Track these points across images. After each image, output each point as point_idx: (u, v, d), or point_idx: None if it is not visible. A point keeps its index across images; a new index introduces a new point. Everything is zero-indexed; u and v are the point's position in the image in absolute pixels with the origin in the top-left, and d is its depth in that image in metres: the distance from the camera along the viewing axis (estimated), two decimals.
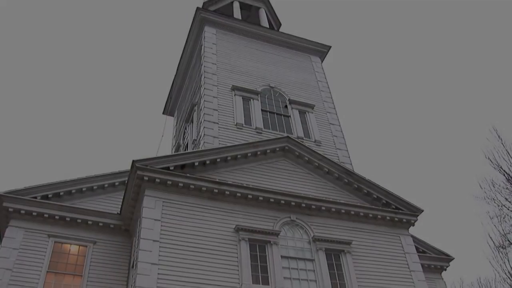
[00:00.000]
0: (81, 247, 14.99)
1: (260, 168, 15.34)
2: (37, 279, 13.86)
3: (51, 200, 15.11)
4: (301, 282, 13.45)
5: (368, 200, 16.15)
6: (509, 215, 25.98)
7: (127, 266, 14.91)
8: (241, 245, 13.24)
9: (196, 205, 13.60)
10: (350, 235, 15.01)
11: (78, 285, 14.30)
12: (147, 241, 12.37)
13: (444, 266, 19.69)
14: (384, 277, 14.64)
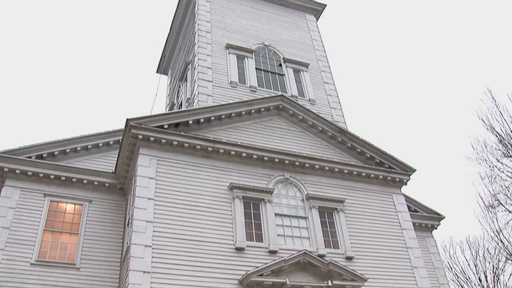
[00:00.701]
0: (77, 205, 15.11)
1: (254, 127, 15.37)
2: (34, 237, 14.02)
3: (46, 159, 15.12)
4: (294, 239, 13.70)
5: (362, 159, 16.29)
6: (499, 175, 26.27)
7: (122, 224, 15.08)
8: (235, 203, 13.41)
9: (191, 163, 13.68)
10: (343, 193, 15.21)
11: (74, 243, 14.49)
12: (142, 199, 12.49)
13: (435, 225, 20.06)
14: (376, 235, 14.94)
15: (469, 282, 34.84)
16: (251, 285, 12.00)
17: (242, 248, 12.69)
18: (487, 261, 34.39)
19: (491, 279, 33.83)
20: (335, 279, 12.79)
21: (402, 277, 14.45)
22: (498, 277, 33.60)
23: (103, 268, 14.21)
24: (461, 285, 35.01)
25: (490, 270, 34.09)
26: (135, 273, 11.33)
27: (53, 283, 13.47)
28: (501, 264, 33.20)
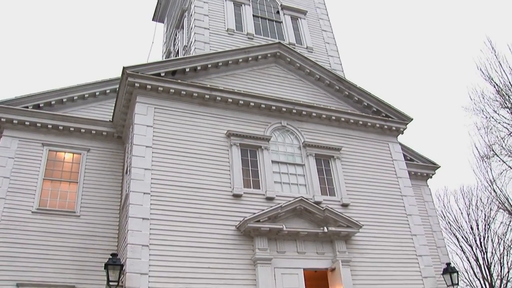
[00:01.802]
0: (75, 155, 15.21)
1: (251, 74, 15.28)
2: (34, 186, 14.19)
3: (43, 109, 15.10)
4: (291, 186, 13.89)
5: (359, 108, 16.30)
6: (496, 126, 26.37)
7: (121, 172, 15.23)
8: (232, 150, 13.50)
9: (188, 111, 13.68)
10: (340, 141, 15.30)
11: (74, 191, 14.67)
12: (140, 147, 12.55)
13: (430, 174, 20.31)
14: (372, 183, 15.14)
15: (461, 230, 35.59)
16: (248, 231, 12.23)
17: (240, 194, 12.87)
18: (479, 210, 35.05)
19: (482, 227, 34.57)
20: (330, 225, 13.03)
21: (396, 224, 14.74)
22: (489, 225, 34.32)
23: (103, 215, 14.47)
24: (453, 233, 35.78)
25: (481, 219, 34.79)
26: (134, 219, 11.53)
27: (54, 231, 13.74)
28: (492, 213, 33.86)
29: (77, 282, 13.37)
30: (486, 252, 34.07)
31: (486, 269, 33.93)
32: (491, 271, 33.83)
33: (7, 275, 12.76)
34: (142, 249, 11.21)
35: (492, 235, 34.08)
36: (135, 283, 10.74)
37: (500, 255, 33.57)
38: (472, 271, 35.03)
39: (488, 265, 33.89)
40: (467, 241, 35.13)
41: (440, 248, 18.90)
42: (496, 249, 33.88)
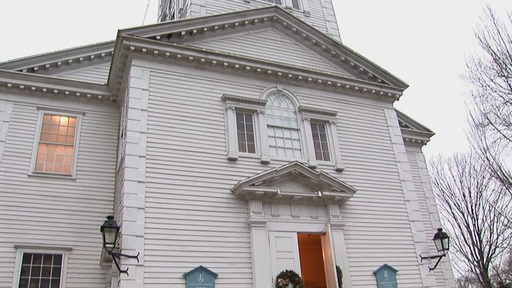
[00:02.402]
0: (71, 118, 15.19)
1: (247, 38, 15.14)
2: (30, 150, 14.21)
3: (37, 73, 15.00)
4: (286, 150, 13.95)
5: (355, 73, 16.25)
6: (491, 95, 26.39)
7: (116, 136, 15.25)
8: (228, 114, 13.50)
9: (183, 75, 13.60)
10: (335, 107, 15.32)
11: (70, 155, 14.71)
12: (135, 110, 12.53)
13: (424, 141, 20.42)
14: (367, 148, 15.23)
15: (453, 197, 36.03)
16: (243, 195, 12.34)
17: (235, 158, 12.94)
18: (472, 177, 35.44)
19: (474, 194, 35.02)
20: (325, 190, 13.16)
21: (390, 190, 14.92)
22: (481, 193, 34.76)
23: (98, 178, 14.56)
24: (446, 200, 36.23)
25: (474, 186, 35.21)
26: (129, 182, 11.60)
27: (50, 194, 13.84)
28: (485, 180, 34.25)
29: (74, 244, 13.55)
30: (477, 219, 34.62)
31: (476, 235, 34.52)
32: (481, 237, 34.44)
33: (5, 238, 12.93)
34: (138, 211, 11.33)
35: (484, 203, 34.58)
36: (131, 245, 10.88)
37: (490, 222, 34.12)
38: (463, 237, 35.65)
39: (478, 232, 34.47)
40: (459, 208, 35.63)
41: (432, 214, 19.16)
42: (486, 216, 34.42)
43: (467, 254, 35.70)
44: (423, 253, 14.37)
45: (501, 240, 34.11)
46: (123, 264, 10.69)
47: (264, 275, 11.73)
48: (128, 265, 10.66)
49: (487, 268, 34.83)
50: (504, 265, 41.47)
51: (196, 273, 11.24)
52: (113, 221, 11.03)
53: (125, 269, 10.60)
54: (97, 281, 13.44)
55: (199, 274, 11.26)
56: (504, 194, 31.69)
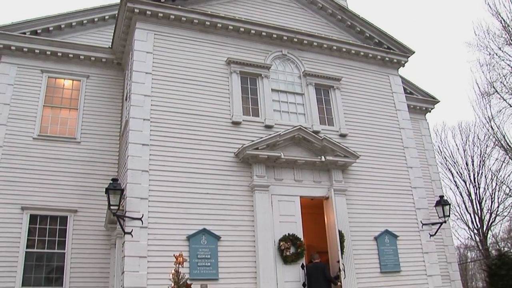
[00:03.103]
0: (75, 81, 15.15)
1: (253, 2, 14.90)
2: (34, 113, 14.25)
3: (41, 35, 14.86)
4: (290, 115, 13.95)
5: (360, 38, 16.09)
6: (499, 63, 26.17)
7: (121, 99, 15.25)
8: (232, 78, 13.44)
9: (188, 38, 13.48)
10: (340, 72, 15.22)
11: (74, 118, 14.75)
12: (139, 73, 12.49)
13: (429, 108, 20.36)
14: (371, 114, 15.21)
15: (456, 165, 36.15)
16: (246, 158, 12.40)
17: (239, 122, 12.95)
18: (476, 146, 35.50)
19: (477, 163, 35.12)
20: (328, 154, 13.20)
21: (393, 156, 14.95)
22: (484, 162, 34.86)
23: (103, 141, 14.62)
24: (449, 168, 36.37)
25: (477, 155, 35.29)
26: (134, 145, 11.66)
27: (55, 156, 13.94)
28: (488, 149, 34.32)
29: (79, 206, 13.73)
30: (479, 187, 34.82)
31: (477, 203, 34.78)
32: (482, 205, 34.71)
33: (12, 199, 13.09)
34: (142, 174, 11.42)
35: (486, 172, 34.71)
36: (135, 207, 11.02)
37: (492, 190, 34.32)
38: (464, 205, 35.95)
39: (480, 200, 34.72)
40: (461, 177, 35.79)
41: (434, 182, 19.26)
42: (488, 185, 34.61)
43: (468, 222, 36.09)
44: (424, 219, 14.50)
45: (501, 208, 34.43)
46: (128, 226, 10.85)
47: (267, 238, 11.90)
48: (132, 227, 10.81)
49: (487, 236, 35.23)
50: (503, 233, 41.98)
51: (200, 235, 11.40)
52: (117, 183, 11.15)
53: (130, 231, 10.76)
54: (102, 243, 13.66)
55: (202, 236, 11.43)
56: (507, 164, 31.80)
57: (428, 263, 14.07)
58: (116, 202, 10.89)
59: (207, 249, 11.36)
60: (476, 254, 42.95)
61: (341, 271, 12.06)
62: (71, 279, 13.11)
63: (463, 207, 36.20)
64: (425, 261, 14.07)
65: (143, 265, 10.63)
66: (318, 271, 12.25)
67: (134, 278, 10.43)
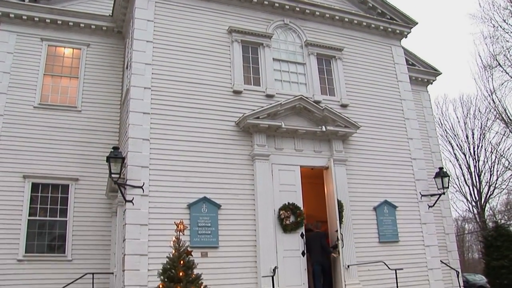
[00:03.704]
0: (75, 50, 15.05)
1: None
2: (35, 82, 14.20)
3: (40, 3, 14.69)
4: (291, 84, 13.89)
5: (363, 8, 15.91)
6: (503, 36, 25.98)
7: (121, 68, 15.18)
8: (233, 47, 13.34)
9: (189, 6, 13.28)
10: (342, 42, 15.10)
11: (75, 86, 14.71)
12: (140, 42, 12.38)
13: (430, 80, 20.29)
14: (372, 85, 15.15)
15: (456, 138, 36.27)
16: (247, 127, 12.40)
17: (240, 91, 12.91)
18: (477, 119, 35.56)
19: (477, 136, 35.22)
20: (329, 124, 13.20)
21: (393, 127, 14.96)
22: (484, 135, 34.98)
23: (104, 110, 14.62)
24: (449, 140, 36.50)
25: (478, 128, 35.40)
26: (135, 114, 11.65)
27: (56, 125, 13.96)
28: (489, 123, 34.39)
29: (81, 174, 13.80)
30: (478, 160, 35.02)
31: (476, 176, 35.02)
32: (481, 178, 34.93)
33: (14, 168, 13.17)
34: (143, 143, 11.44)
35: (486, 145, 34.85)
36: (136, 175, 11.07)
37: (491, 163, 34.54)
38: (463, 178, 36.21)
39: (479, 173, 34.95)
40: (461, 149, 35.94)
41: (434, 154, 19.31)
42: (488, 158, 34.82)
43: (466, 195, 36.40)
44: (423, 190, 14.59)
45: (500, 181, 34.71)
46: (129, 194, 10.92)
47: (267, 207, 12.00)
48: (133, 195, 10.89)
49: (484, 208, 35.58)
50: (500, 206, 42.36)
51: (200, 204, 11.49)
52: (118, 152, 11.18)
53: (131, 199, 10.84)
54: (103, 211, 13.80)
55: (202, 204, 11.52)
56: (507, 137, 31.90)
57: (426, 234, 14.20)
58: (117, 171, 10.93)
59: (208, 218, 11.46)
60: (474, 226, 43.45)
61: (339, 240, 12.21)
62: (73, 246, 13.28)
63: (462, 180, 36.47)
64: (423, 232, 14.20)
65: (144, 233, 10.74)
66: (316, 240, 12.43)
67: (135, 246, 10.56)
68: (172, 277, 6.41)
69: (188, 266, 6.54)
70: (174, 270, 6.44)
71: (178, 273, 6.38)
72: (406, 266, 12.88)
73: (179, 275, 6.37)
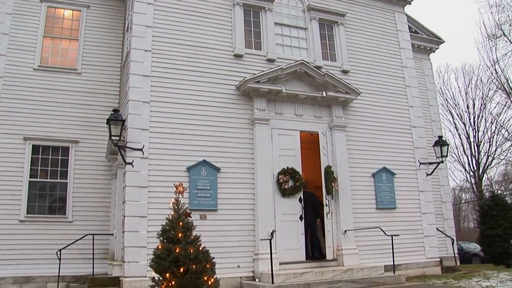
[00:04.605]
0: (75, 11, 14.92)
1: None
2: (34, 44, 14.13)
3: None
4: (292, 49, 13.79)
5: None
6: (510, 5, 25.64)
7: (122, 30, 15.04)
8: (235, 10, 13.16)
9: None
10: (344, 7, 14.89)
11: (75, 48, 14.63)
12: (141, 3, 12.19)
13: (433, 48, 20.15)
14: (374, 51, 15.04)
15: (457, 107, 36.18)
16: (247, 91, 12.36)
17: (241, 55, 12.82)
18: (478, 89, 35.37)
19: (478, 106, 35.11)
20: (329, 90, 13.15)
21: (394, 94, 14.93)
22: (485, 105, 34.86)
23: (104, 73, 14.59)
24: (449, 110, 36.43)
25: (479, 98, 35.26)
26: (135, 76, 11.61)
27: (56, 87, 13.96)
28: (490, 93, 34.22)
29: (81, 137, 13.88)
30: (478, 130, 35.04)
31: (476, 146, 35.06)
32: (480, 148, 34.99)
33: (14, 130, 13.25)
34: (143, 105, 11.44)
35: (486, 115, 34.78)
36: (136, 138, 11.11)
37: (491, 134, 34.56)
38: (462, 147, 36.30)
39: (478, 143, 35.00)
40: (461, 119, 35.91)
41: (434, 122, 19.34)
42: (488, 128, 34.81)
43: (464, 165, 36.55)
44: (422, 158, 14.67)
45: (499, 152, 34.78)
46: (128, 156, 10.99)
47: (266, 171, 12.07)
48: (133, 157, 10.96)
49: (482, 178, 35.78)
50: (498, 176, 42.60)
51: (199, 167, 11.56)
52: (118, 114, 11.21)
53: (131, 161, 10.91)
54: (103, 173, 13.91)
55: (202, 167, 11.58)
56: (508, 108, 31.86)
57: (423, 201, 14.35)
58: (117, 133, 10.97)
59: (207, 181, 11.55)
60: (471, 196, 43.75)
61: (325, 206, 12.33)
62: (74, 208, 13.46)
63: (461, 150, 36.57)
64: (420, 199, 14.34)
65: (144, 195, 10.86)
66: (308, 198, 12.59)
67: (134, 208, 10.69)
68: (171, 238, 6.47)
69: (187, 227, 6.58)
70: (173, 231, 6.49)
71: (177, 234, 6.44)
72: (402, 233, 13.02)
73: (178, 236, 6.43)
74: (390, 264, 11.81)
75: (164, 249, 6.35)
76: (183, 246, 6.28)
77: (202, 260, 6.35)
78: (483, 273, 13.01)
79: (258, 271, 11.16)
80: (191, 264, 6.20)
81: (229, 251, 11.14)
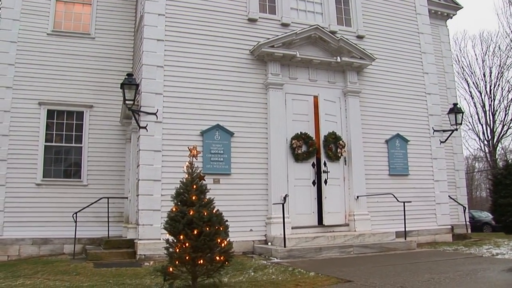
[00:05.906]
0: None
1: None
2: (47, 8, 14.17)
3: None
4: (307, 13, 13.56)
5: None
6: None
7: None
8: None
9: None
10: None
11: (88, 13, 14.58)
12: None
13: (450, 14, 19.76)
14: (390, 16, 14.75)
15: (473, 76, 35.63)
16: (262, 56, 12.27)
17: (255, 19, 12.66)
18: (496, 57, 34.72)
19: (495, 75, 34.50)
20: (344, 55, 13.00)
21: (409, 60, 14.72)
22: (502, 73, 34.22)
23: (117, 37, 14.55)
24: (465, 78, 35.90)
25: (496, 66, 34.63)
26: (149, 41, 11.55)
27: (70, 52, 13.99)
28: (508, 61, 33.54)
29: (95, 102, 13.95)
30: (494, 99, 34.53)
31: (491, 115, 34.64)
32: (495, 117, 34.56)
33: (29, 94, 13.35)
34: (157, 69, 11.42)
35: (503, 83, 34.22)
36: (150, 102, 11.15)
37: (508, 103, 34.05)
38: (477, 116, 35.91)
39: (493, 112, 34.56)
40: (477, 87, 35.40)
41: (449, 90, 19.13)
42: (504, 97, 34.27)
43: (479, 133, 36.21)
44: (436, 126, 14.56)
45: None
46: (142, 120, 11.05)
47: (279, 136, 12.09)
48: (147, 122, 11.02)
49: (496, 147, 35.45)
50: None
51: (213, 131, 11.61)
52: (132, 79, 11.22)
53: (144, 125, 10.98)
54: (117, 137, 14.03)
55: (215, 132, 11.63)
56: None
57: (436, 169, 14.31)
58: (131, 97, 11.00)
59: (220, 145, 11.61)
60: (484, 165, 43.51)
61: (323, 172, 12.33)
62: (89, 172, 13.64)
63: (475, 118, 36.18)
64: (433, 167, 14.30)
65: (158, 159, 10.96)
66: None
67: (149, 171, 10.81)
68: (185, 200, 6.52)
69: (201, 190, 6.63)
70: (187, 194, 6.54)
71: (191, 197, 6.49)
72: (414, 199, 13.06)
73: (191, 198, 6.47)
74: (402, 231, 11.90)
75: (178, 212, 6.41)
76: (197, 208, 6.34)
77: (215, 223, 6.40)
78: (494, 241, 13.04)
79: (271, 235, 11.30)
80: (205, 226, 6.26)
81: (242, 215, 11.27)
